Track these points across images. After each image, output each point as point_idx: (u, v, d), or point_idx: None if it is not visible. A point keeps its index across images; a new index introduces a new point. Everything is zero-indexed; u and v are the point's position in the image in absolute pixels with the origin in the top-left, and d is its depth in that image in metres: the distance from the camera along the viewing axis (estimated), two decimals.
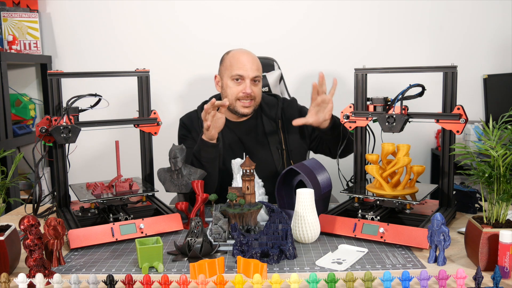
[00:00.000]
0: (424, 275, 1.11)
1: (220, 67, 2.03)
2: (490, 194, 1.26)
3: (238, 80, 1.94)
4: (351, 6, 2.94)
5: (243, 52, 1.99)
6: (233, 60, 1.96)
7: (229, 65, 1.96)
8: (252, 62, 1.95)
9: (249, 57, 1.96)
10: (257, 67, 1.96)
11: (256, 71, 1.95)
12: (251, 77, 1.93)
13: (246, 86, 1.93)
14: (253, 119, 2.05)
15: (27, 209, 1.81)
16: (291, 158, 2.03)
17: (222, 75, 2.00)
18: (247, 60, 1.94)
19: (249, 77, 1.93)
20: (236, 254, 1.30)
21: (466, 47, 2.97)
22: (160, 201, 1.71)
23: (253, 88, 1.95)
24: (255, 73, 1.94)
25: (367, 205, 1.58)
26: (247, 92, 1.93)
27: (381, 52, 2.96)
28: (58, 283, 1.12)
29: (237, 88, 1.95)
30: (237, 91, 1.95)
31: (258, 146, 2.02)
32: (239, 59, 1.95)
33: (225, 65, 1.99)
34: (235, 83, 1.95)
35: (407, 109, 1.58)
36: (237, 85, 1.95)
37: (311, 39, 2.95)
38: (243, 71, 1.93)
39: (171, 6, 2.95)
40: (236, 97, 1.95)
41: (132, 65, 2.48)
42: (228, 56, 2.00)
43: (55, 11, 2.97)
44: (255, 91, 1.96)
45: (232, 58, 1.97)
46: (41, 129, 1.58)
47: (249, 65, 1.93)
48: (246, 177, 1.43)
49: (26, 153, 2.88)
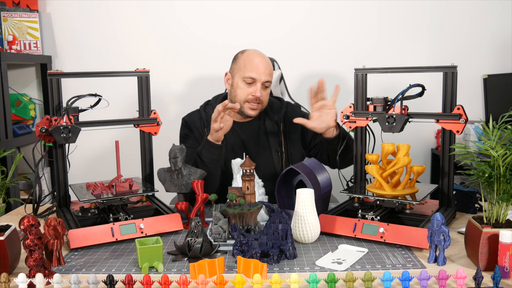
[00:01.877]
0: (424, 275, 1.11)
1: (233, 66, 2.01)
2: (490, 194, 1.26)
3: (251, 83, 1.93)
4: (351, 6, 2.94)
5: (258, 54, 1.96)
6: (247, 61, 1.94)
7: (242, 65, 1.94)
8: (266, 66, 1.93)
9: (263, 61, 1.94)
10: (269, 72, 1.94)
11: (269, 76, 1.94)
12: (263, 81, 1.92)
13: (257, 89, 1.91)
14: (257, 120, 2.05)
15: (27, 209, 1.81)
16: (290, 162, 2.02)
17: (234, 74, 1.98)
18: (261, 64, 1.92)
19: (261, 81, 1.91)
20: (236, 254, 1.31)
21: (466, 47, 2.97)
22: (160, 201, 1.71)
23: (263, 92, 1.94)
24: (267, 77, 1.93)
25: (367, 205, 1.58)
26: (257, 96, 1.91)
27: (381, 52, 2.96)
28: (58, 283, 1.12)
29: (248, 90, 1.93)
30: (247, 93, 1.93)
31: (259, 147, 2.02)
32: (253, 61, 1.93)
33: (238, 64, 1.97)
34: (246, 85, 1.93)
35: (407, 109, 1.58)
36: (248, 87, 1.93)
37: (311, 39, 2.95)
38: (256, 74, 1.91)
39: (171, 6, 2.95)
40: (245, 98, 1.94)
41: (132, 65, 2.48)
42: (242, 56, 1.98)
43: (55, 11, 2.97)
44: (264, 95, 1.95)
45: (247, 59, 1.94)
46: (41, 129, 1.58)
47: (262, 69, 1.92)
48: (246, 177, 1.43)
49: (26, 153, 2.89)
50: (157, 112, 1.78)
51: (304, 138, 2.07)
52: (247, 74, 1.91)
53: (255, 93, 1.91)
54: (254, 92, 1.91)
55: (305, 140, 2.08)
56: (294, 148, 2.04)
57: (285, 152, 2.02)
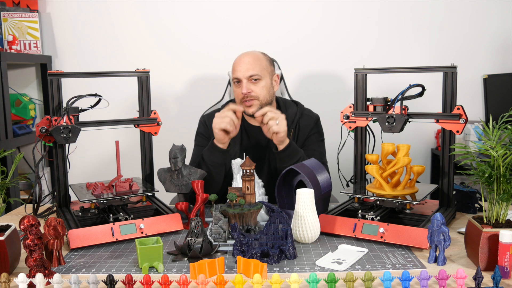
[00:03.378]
0: (424, 275, 1.11)
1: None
2: (490, 194, 1.26)
3: (238, 83, 1.94)
4: (351, 7, 2.94)
5: (242, 54, 1.97)
6: (234, 64, 1.96)
7: (232, 70, 1.97)
8: (248, 62, 1.93)
9: (245, 57, 1.94)
10: (251, 66, 1.92)
11: (251, 70, 1.91)
12: (246, 77, 1.91)
13: (242, 86, 1.92)
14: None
15: (27, 209, 1.81)
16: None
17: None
18: (242, 62, 1.93)
19: (244, 78, 1.91)
20: (236, 254, 1.31)
21: (466, 47, 2.97)
22: (160, 201, 1.71)
23: (252, 87, 1.92)
24: (250, 72, 1.91)
25: (367, 205, 1.58)
26: (243, 92, 1.91)
27: (381, 52, 2.96)
28: (58, 283, 1.12)
29: (238, 90, 1.94)
30: (238, 93, 1.94)
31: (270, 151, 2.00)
32: (236, 63, 1.95)
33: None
34: (236, 86, 1.95)
35: (407, 109, 1.58)
36: (238, 87, 1.94)
37: (311, 40, 2.95)
38: (238, 73, 1.92)
39: (171, 7, 2.95)
40: (239, 99, 1.95)
41: (132, 65, 2.48)
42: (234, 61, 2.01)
43: (55, 11, 2.97)
44: (256, 90, 1.92)
45: (234, 63, 1.97)
46: (41, 129, 1.58)
47: (243, 66, 1.92)
48: (246, 177, 1.43)
49: (26, 153, 2.89)
50: (157, 112, 1.78)
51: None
52: (234, 76, 1.95)
53: (242, 90, 1.92)
54: (242, 90, 1.92)
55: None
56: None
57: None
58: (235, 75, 1.93)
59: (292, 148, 1.83)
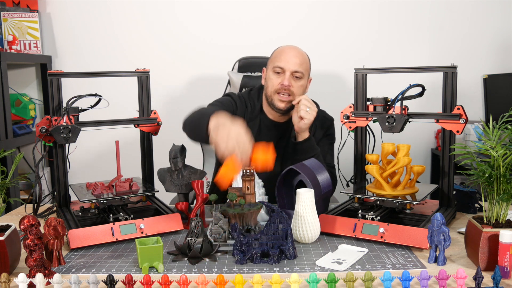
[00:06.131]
0: (424, 275, 1.11)
1: (268, 61, 2.01)
2: (490, 194, 1.26)
3: (278, 73, 1.91)
4: (351, 7, 2.95)
5: (290, 46, 1.96)
6: (277, 52, 1.95)
7: (273, 57, 1.95)
8: (296, 56, 1.91)
9: (293, 51, 1.93)
10: (300, 62, 1.90)
11: (298, 65, 1.89)
12: (291, 70, 1.88)
13: (284, 78, 1.89)
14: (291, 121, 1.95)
15: (27, 209, 1.81)
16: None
17: (267, 67, 1.98)
18: (290, 53, 1.91)
19: (289, 70, 1.88)
20: (236, 254, 1.30)
21: (466, 47, 2.97)
22: (160, 201, 1.71)
23: (293, 82, 1.89)
24: (296, 67, 1.89)
25: (367, 205, 1.58)
26: (285, 84, 1.88)
27: (381, 52, 2.96)
28: (58, 283, 1.12)
29: (277, 80, 1.90)
30: (276, 83, 1.90)
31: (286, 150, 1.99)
32: (282, 52, 1.93)
33: (271, 57, 1.98)
34: (276, 75, 1.91)
35: (407, 109, 1.58)
36: (277, 77, 1.91)
37: (311, 39, 2.95)
38: (284, 63, 1.89)
39: (171, 6, 2.95)
40: (275, 89, 1.91)
41: (132, 65, 2.48)
42: (276, 50, 1.99)
43: (55, 11, 2.97)
44: (295, 86, 1.90)
45: (277, 51, 1.96)
46: (41, 129, 1.58)
47: (291, 59, 1.89)
48: (246, 177, 1.43)
49: (26, 153, 2.88)
50: (157, 112, 1.78)
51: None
52: (276, 64, 1.91)
53: (283, 81, 1.89)
54: (282, 81, 1.89)
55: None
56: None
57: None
58: (280, 64, 1.89)
59: (310, 143, 1.84)
